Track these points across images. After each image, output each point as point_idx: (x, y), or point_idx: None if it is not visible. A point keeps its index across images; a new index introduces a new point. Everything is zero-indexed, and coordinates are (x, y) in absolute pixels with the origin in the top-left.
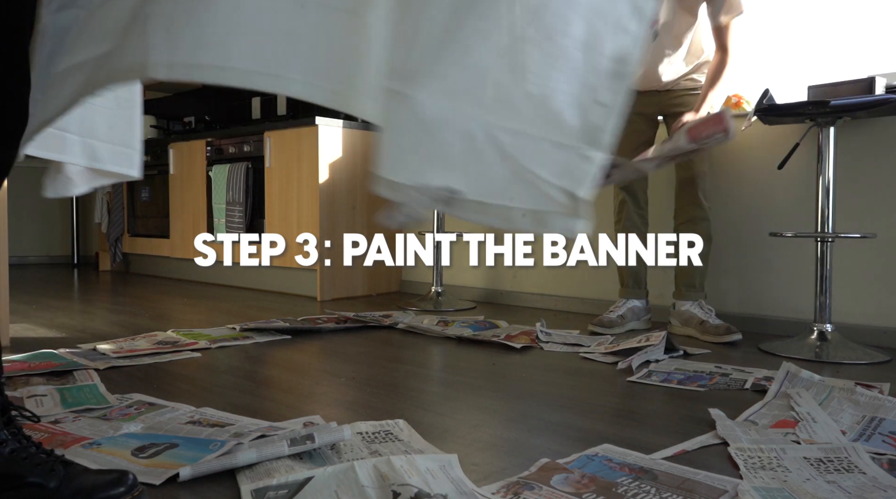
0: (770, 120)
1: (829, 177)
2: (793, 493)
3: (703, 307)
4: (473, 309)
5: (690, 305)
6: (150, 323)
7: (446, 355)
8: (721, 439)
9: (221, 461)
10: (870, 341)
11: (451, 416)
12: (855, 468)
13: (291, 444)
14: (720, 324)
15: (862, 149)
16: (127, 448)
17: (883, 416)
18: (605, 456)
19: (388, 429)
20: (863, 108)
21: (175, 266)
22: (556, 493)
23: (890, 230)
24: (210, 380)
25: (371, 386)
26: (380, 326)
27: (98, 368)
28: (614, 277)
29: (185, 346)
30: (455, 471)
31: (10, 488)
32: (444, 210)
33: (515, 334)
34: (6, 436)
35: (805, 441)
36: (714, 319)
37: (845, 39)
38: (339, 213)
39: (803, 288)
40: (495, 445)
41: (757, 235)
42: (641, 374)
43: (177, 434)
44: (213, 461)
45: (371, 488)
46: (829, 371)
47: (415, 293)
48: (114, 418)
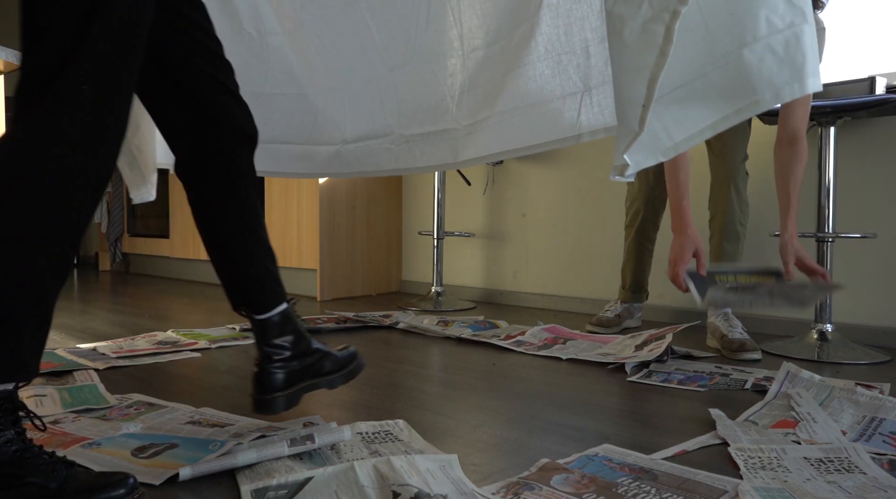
0: (770, 120)
1: (829, 177)
2: (793, 493)
3: (728, 318)
4: (473, 309)
5: (716, 318)
6: (150, 323)
7: (446, 355)
8: (721, 439)
9: (221, 462)
10: (870, 341)
11: (451, 416)
12: (855, 469)
13: (291, 444)
14: (735, 339)
15: (862, 149)
16: (127, 448)
17: (883, 416)
18: (605, 456)
19: (388, 429)
20: (863, 108)
21: (175, 266)
22: (556, 493)
23: (890, 230)
24: (210, 380)
25: (371, 386)
26: (380, 326)
27: (98, 369)
28: (614, 277)
29: (185, 346)
30: (455, 471)
31: (10, 487)
32: None
33: (514, 334)
34: (12, 436)
35: (805, 441)
36: (734, 333)
37: (845, 39)
38: (339, 213)
39: None
40: (495, 445)
41: (757, 235)
42: (641, 374)
43: (176, 434)
44: (213, 462)
45: (371, 488)
46: (829, 371)
47: (415, 293)
48: (113, 418)
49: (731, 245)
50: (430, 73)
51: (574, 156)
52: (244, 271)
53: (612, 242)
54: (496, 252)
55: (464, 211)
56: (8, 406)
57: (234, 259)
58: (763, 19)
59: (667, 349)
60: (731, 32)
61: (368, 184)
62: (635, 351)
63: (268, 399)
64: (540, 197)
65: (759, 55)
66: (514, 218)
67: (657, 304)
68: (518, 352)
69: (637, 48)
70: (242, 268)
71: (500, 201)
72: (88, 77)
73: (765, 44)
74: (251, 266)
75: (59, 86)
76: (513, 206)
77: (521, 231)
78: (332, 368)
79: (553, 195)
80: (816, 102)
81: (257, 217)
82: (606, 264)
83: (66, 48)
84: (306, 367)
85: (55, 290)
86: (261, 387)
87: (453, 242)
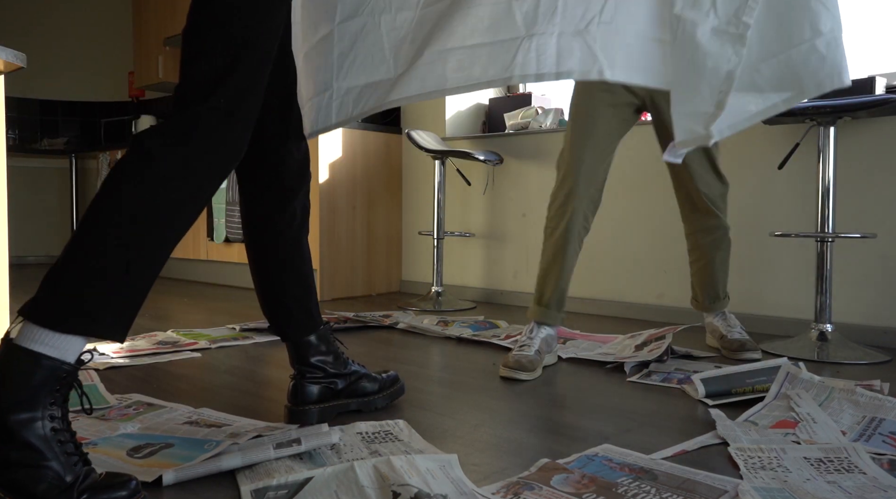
0: (770, 120)
1: (829, 177)
2: (793, 493)
3: (725, 318)
4: (473, 309)
5: (713, 318)
6: (150, 323)
7: (446, 355)
8: (721, 439)
9: (207, 466)
10: (870, 341)
11: (451, 416)
12: (855, 468)
13: (277, 447)
14: (735, 339)
15: (862, 149)
16: (123, 448)
17: (883, 416)
18: (605, 456)
19: (387, 429)
20: (863, 108)
21: (175, 266)
22: (556, 493)
23: (890, 230)
24: (210, 380)
25: None
26: (380, 326)
27: (98, 369)
28: (614, 277)
29: (185, 346)
30: (455, 471)
31: (29, 466)
32: None
33: (513, 336)
34: (58, 413)
35: (805, 441)
36: (733, 333)
37: (845, 39)
38: (339, 213)
39: (803, 288)
40: (495, 445)
41: (757, 235)
42: (641, 374)
43: (173, 434)
44: (199, 466)
45: (371, 488)
46: (829, 371)
47: (415, 293)
48: (112, 418)
49: (723, 252)
50: (375, 24)
51: None
52: (275, 299)
53: (611, 242)
54: (496, 252)
55: (464, 211)
56: (69, 381)
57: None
58: (808, 25)
59: (667, 349)
60: (780, 36)
61: (369, 184)
62: (635, 351)
63: (299, 410)
64: (540, 197)
65: (804, 54)
66: (514, 218)
67: (657, 304)
68: None
69: (711, 48)
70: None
71: (500, 201)
72: (228, 101)
73: (810, 45)
74: (284, 296)
75: (202, 105)
76: (513, 206)
77: (521, 231)
78: (373, 390)
79: None
80: (817, 102)
81: (301, 253)
82: (606, 264)
83: (220, 73)
84: (343, 388)
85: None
86: (294, 398)
87: (453, 242)
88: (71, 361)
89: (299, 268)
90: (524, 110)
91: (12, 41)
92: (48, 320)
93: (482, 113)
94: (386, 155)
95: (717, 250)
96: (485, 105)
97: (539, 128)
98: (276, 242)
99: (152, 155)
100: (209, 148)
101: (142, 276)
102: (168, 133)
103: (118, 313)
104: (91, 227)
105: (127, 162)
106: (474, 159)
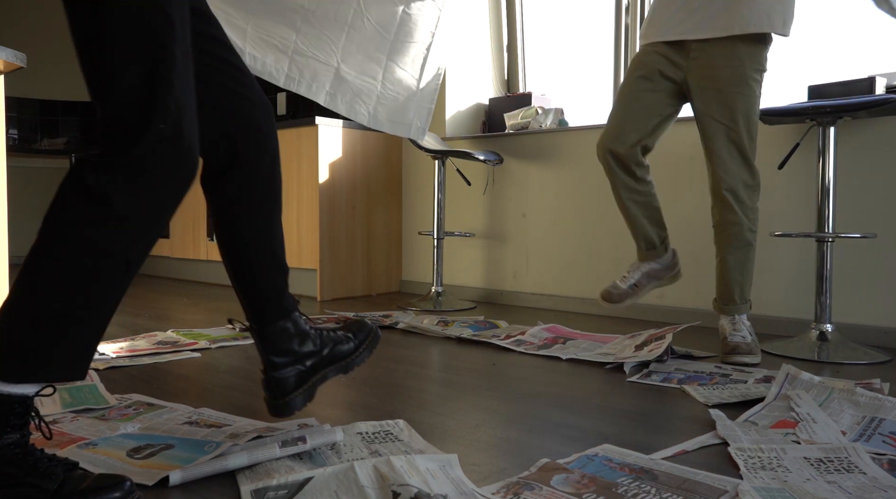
0: (770, 120)
1: (829, 177)
2: (793, 493)
3: (734, 321)
4: (473, 309)
5: (723, 320)
6: (150, 323)
7: (446, 355)
8: (721, 439)
9: (213, 465)
10: (870, 341)
11: (451, 416)
12: (855, 468)
13: (283, 446)
14: (731, 342)
15: (862, 149)
16: (122, 449)
17: (883, 416)
18: (605, 456)
19: (387, 429)
20: (863, 108)
21: (175, 266)
22: (556, 493)
23: (890, 230)
24: (210, 380)
25: (370, 386)
26: (380, 326)
27: (98, 369)
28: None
29: (185, 346)
30: (455, 471)
31: (9, 487)
32: None
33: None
34: (17, 438)
35: (805, 441)
36: (735, 337)
37: (845, 39)
38: (339, 213)
39: (803, 288)
40: (495, 445)
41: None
42: (641, 374)
43: (173, 435)
44: (205, 465)
45: (371, 488)
46: (829, 371)
47: (415, 293)
48: (112, 418)
49: (740, 252)
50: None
51: (574, 156)
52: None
53: (612, 241)
54: (496, 252)
55: (464, 211)
56: (21, 410)
57: (244, 272)
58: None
59: (667, 349)
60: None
61: (369, 184)
62: (635, 351)
63: (281, 403)
64: (540, 197)
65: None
66: (514, 218)
67: (657, 304)
68: (518, 352)
69: None
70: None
71: (500, 201)
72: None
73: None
74: (260, 280)
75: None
76: (513, 206)
77: (521, 231)
78: (349, 350)
79: (553, 195)
80: (817, 102)
81: (272, 229)
82: (606, 264)
83: (146, 99)
84: (316, 363)
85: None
86: (272, 391)
87: (453, 242)
88: (30, 394)
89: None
90: (524, 110)
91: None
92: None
93: (482, 113)
94: (386, 155)
95: (730, 249)
96: (485, 105)
97: (539, 128)
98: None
99: (107, 197)
100: (165, 179)
101: (101, 312)
102: (117, 170)
103: (80, 356)
104: (42, 271)
105: (77, 205)
106: (474, 159)
